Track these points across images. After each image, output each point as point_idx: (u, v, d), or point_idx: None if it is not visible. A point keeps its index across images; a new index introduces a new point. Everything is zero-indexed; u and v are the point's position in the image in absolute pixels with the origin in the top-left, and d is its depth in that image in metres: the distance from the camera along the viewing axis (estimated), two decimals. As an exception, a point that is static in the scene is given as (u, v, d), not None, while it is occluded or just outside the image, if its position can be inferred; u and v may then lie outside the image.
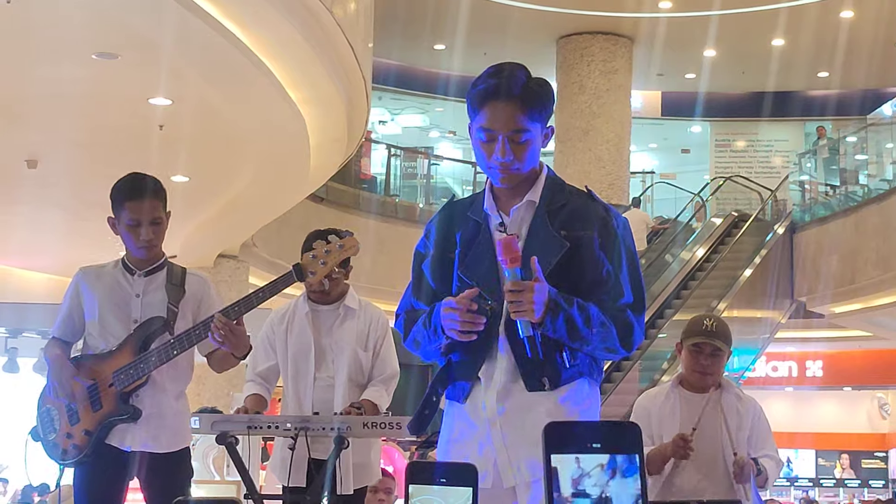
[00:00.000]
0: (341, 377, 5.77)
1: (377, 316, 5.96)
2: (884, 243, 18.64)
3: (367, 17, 11.09)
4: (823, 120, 26.15)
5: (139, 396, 4.94)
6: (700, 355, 5.47)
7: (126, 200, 4.99)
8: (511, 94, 3.53)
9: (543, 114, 3.60)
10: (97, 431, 4.92)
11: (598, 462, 1.93)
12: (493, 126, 3.54)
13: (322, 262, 4.85)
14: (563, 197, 3.66)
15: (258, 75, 8.50)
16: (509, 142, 3.54)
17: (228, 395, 13.84)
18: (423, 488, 2.12)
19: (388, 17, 18.19)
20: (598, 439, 1.96)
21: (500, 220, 3.64)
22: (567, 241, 3.55)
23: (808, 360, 26.33)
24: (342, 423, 5.18)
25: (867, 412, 27.74)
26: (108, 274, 5.11)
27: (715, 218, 23.44)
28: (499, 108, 3.53)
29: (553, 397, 3.54)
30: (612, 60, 20.88)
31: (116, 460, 4.94)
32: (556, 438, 1.96)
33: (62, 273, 14.41)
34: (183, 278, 5.12)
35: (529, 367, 3.53)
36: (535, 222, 3.61)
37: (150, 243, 5.02)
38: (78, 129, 9.71)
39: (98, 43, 7.75)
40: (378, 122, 26.44)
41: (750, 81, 25.67)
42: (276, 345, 5.88)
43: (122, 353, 4.95)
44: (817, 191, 23.75)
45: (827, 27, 20.78)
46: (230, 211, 12.88)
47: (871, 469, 27.24)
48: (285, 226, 15.65)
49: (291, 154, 10.84)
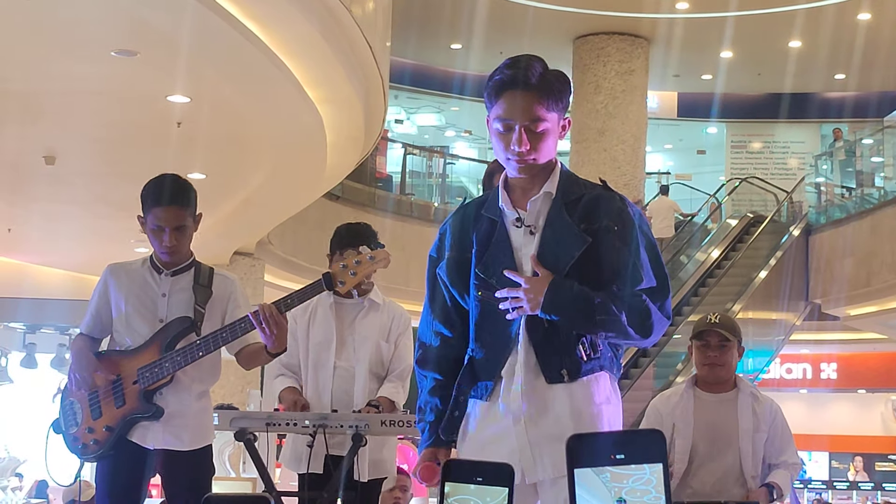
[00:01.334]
0: (362, 368, 5.80)
1: (400, 312, 6.00)
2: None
3: (385, 17, 11.11)
4: (840, 122, 26.11)
5: (162, 395, 4.96)
6: (707, 349, 5.50)
7: (153, 206, 5.00)
8: (528, 84, 3.55)
9: (560, 104, 3.62)
10: (118, 428, 4.94)
11: (622, 474, 1.92)
12: (510, 116, 3.56)
13: (352, 273, 4.85)
14: (578, 189, 3.67)
15: (277, 74, 8.51)
16: (526, 131, 3.55)
17: (244, 392, 13.87)
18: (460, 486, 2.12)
19: (405, 17, 18.20)
20: (621, 450, 1.94)
21: (516, 216, 3.64)
22: (588, 236, 3.56)
23: (822, 362, 26.30)
24: (360, 421, 5.19)
25: (881, 415, 27.69)
26: (135, 272, 5.13)
27: (730, 219, 23.43)
28: (516, 98, 3.56)
29: (574, 391, 3.54)
30: (629, 61, 20.85)
31: (138, 457, 4.95)
32: (578, 452, 1.95)
33: (79, 269, 14.48)
34: (210, 279, 5.13)
35: (549, 358, 3.54)
36: (552, 214, 3.62)
37: (172, 249, 5.03)
38: (96, 125, 9.73)
39: (117, 40, 7.77)
40: (394, 121, 26.46)
41: (766, 83, 25.63)
42: (298, 335, 5.90)
43: (147, 351, 4.97)
44: (833, 193, 23.70)
45: (844, 29, 20.72)
46: (246, 208, 12.90)
47: (885, 472, 27.18)
48: (301, 224, 15.69)
49: (308, 152, 10.86)
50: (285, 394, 5.81)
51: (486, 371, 3.63)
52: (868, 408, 27.64)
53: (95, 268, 5.31)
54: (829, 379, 26.44)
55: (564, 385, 3.54)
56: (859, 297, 19.88)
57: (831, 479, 27.20)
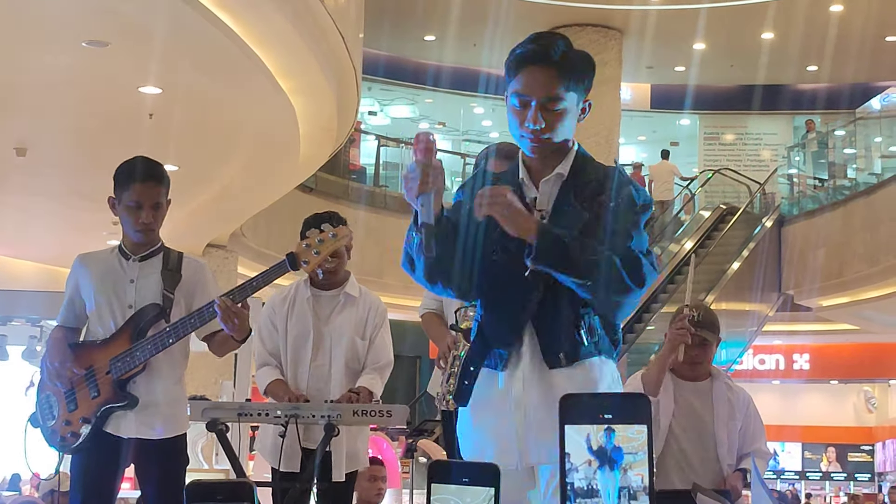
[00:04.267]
0: (338, 364, 5.80)
1: (376, 304, 5.99)
2: (871, 237, 18.70)
3: (357, 8, 11.10)
4: (812, 113, 26.18)
5: (136, 384, 4.94)
6: (687, 347, 5.49)
7: (131, 182, 4.98)
8: (549, 60, 3.43)
9: (581, 85, 3.50)
10: (95, 419, 4.92)
11: (609, 432, 1.98)
12: (527, 92, 3.43)
13: (315, 252, 4.86)
14: (592, 172, 3.54)
15: (249, 64, 8.50)
16: (543, 110, 3.43)
17: (217, 384, 13.85)
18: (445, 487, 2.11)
19: (379, 8, 18.18)
20: (609, 410, 2.01)
21: (535, 196, 3.52)
22: (584, 213, 3.44)
23: (795, 353, 26.41)
24: (332, 411, 5.19)
25: (854, 405, 27.83)
26: (104, 260, 5.11)
27: (703, 211, 23.49)
28: (535, 74, 3.44)
29: (574, 376, 3.43)
30: (602, 53, 20.84)
31: (112, 448, 4.93)
32: (569, 409, 2.02)
33: (51, 262, 14.42)
34: (179, 263, 5.11)
35: (549, 340, 3.44)
36: (560, 198, 3.50)
37: (149, 227, 5.01)
38: (67, 116, 9.69)
39: (88, 31, 7.74)
40: (368, 113, 26.43)
41: (739, 75, 25.68)
42: (278, 325, 5.89)
43: (118, 340, 4.95)
44: (806, 184, 23.80)
45: (816, 21, 20.79)
46: (219, 200, 12.87)
47: (858, 462, 27.34)
48: (274, 216, 15.66)
49: (281, 144, 10.84)
50: (274, 387, 5.79)
51: (499, 338, 3.51)
52: (841, 399, 27.77)
53: (67, 260, 5.29)
54: (801, 370, 26.55)
55: (564, 370, 3.44)
56: (831, 288, 19.96)
57: (804, 470, 27.34)
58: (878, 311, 20.08)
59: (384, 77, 25.61)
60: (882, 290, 18.72)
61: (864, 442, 27.50)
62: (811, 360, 26.40)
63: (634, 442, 1.99)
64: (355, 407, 5.29)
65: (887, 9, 19.93)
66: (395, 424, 5.82)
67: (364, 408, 5.29)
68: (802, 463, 27.38)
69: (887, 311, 19.96)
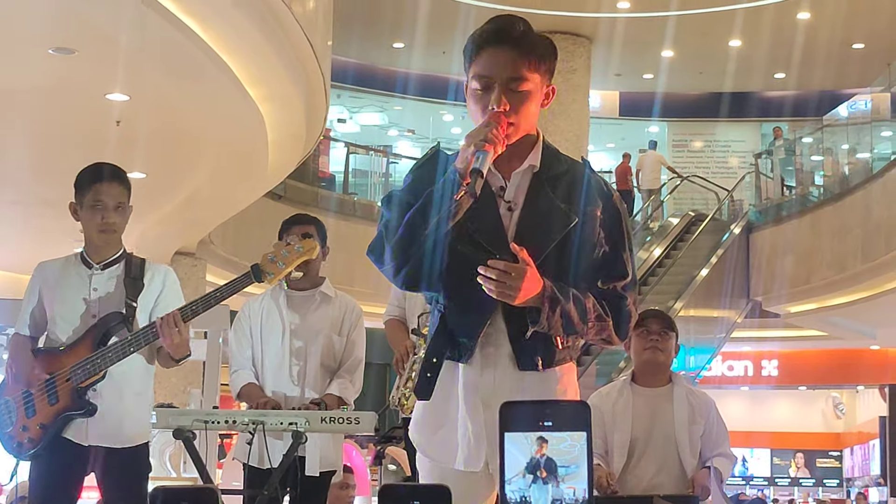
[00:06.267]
0: (314, 361, 5.80)
1: (352, 305, 6.00)
2: (839, 244, 18.79)
3: (326, 15, 11.08)
4: (780, 121, 26.31)
5: (96, 391, 4.92)
6: (649, 333, 5.52)
7: (93, 182, 4.98)
8: (510, 39, 3.31)
9: (543, 65, 3.36)
10: (52, 426, 4.89)
11: (549, 439, 1.97)
12: (489, 72, 3.31)
13: (281, 264, 4.88)
14: (561, 164, 3.43)
15: (217, 72, 8.48)
16: (506, 91, 3.29)
17: (185, 392, 13.78)
18: None
19: (347, 15, 18.16)
20: (549, 418, 2.01)
21: (501, 184, 3.37)
22: (574, 216, 3.31)
23: (763, 359, 26.51)
24: (299, 418, 5.18)
25: (822, 412, 27.96)
26: (65, 267, 5.09)
27: (672, 217, 23.57)
28: (497, 54, 3.31)
29: (547, 379, 3.35)
30: (571, 60, 20.88)
31: (73, 454, 4.91)
32: (510, 417, 2.02)
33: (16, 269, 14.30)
34: (142, 271, 5.09)
35: (524, 343, 3.31)
36: (533, 190, 3.36)
37: (112, 227, 4.99)
38: (33, 124, 9.64)
39: (55, 38, 7.71)
40: (337, 121, 26.41)
41: (707, 82, 25.78)
42: (252, 328, 5.89)
43: (79, 347, 4.93)
44: (773, 191, 23.89)
45: (784, 28, 20.89)
46: (187, 208, 12.83)
47: (826, 468, 27.48)
48: (243, 223, 15.62)
49: (249, 151, 10.82)
50: (248, 390, 5.78)
51: (464, 330, 3.35)
52: (809, 405, 27.90)
53: (32, 268, 5.26)
54: (770, 376, 26.64)
55: (537, 373, 3.34)
56: (799, 295, 20.05)
57: (773, 476, 27.46)
58: (846, 317, 20.18)
59: (353, 84, 25.61)
60: (849, 297, 18.81)
61: (833, 448, 27.63)
62: (780, 367, 26.51)
63: (571, 452, 1.99)
64: (323, 414, 5.28)
65: (854, 16, 20.03)
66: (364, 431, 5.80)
67: (332, 415, 5.28)
68: (771, 469, 27.49)
69: (855, 317, 20.06)
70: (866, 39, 21.85)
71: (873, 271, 17.35)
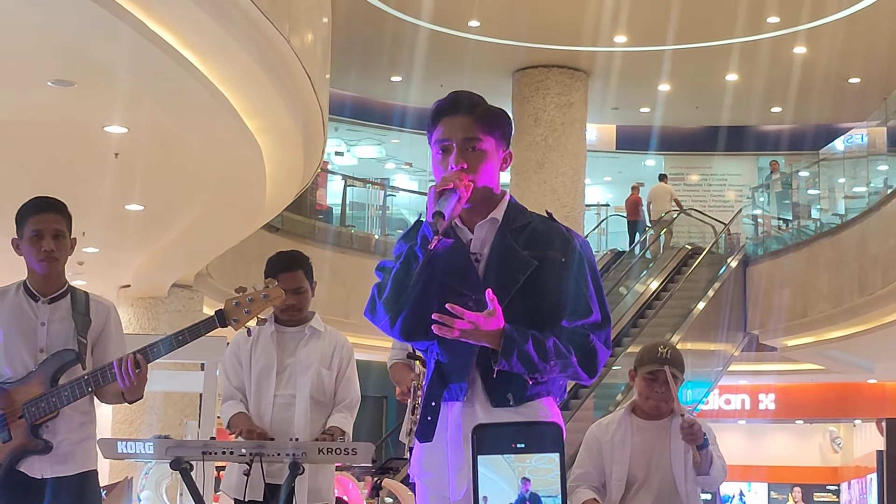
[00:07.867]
0: (303, 395, 5.80)
1: (342, 341, 6.03)
2: (836, 277, 18.80)
3: (324, 48, 11.11)
4: (776, 154, 26.35)
5: (49, 428, 4.89)
6: (655, 383, 5.46)
7: (30, 215, 5.01)
8: (464, 107, 3.64)
9: (497, 132, 3.66)
10: (7, 462, 4.88)
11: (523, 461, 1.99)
12: (447, 136, 3.62)
13: (246, 311, 4.87)
14: (525, 218, 3.67)
15: (215, 104, 8.49)
16: (462, 151, 3.59)
17: (182, 424, 13.76)
18: None
19: (345, 49, 18.23)
20: (521, 440, 2.03)
21: (469, 237, 3.63)
22: (533, 260, 3.56)
23: (760, 393, 26.44)
24: (297, 449, 5.18)
25: (819, 446, 27.87)
26: (11, 299, 5.05)
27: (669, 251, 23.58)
28: (454, 120, 3.62)
29: (520, 413, 3.51)
30: (568, 94, 20.96)
31: (26, 487, 4.89)
32: (482, 440, 2.04)
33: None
34: (87, 306, 5.07)
35: (494, 382, 3.52)
36: (497, 240, 3.60)
37: (52, 255, 4.96)
38: (32, 155, 9.66)
39: (54, 70, 7.73)
40: (334, 153, 26.45)
41: (704, 116, 25.84)
42: (243, 361, 5.90)
43: (31, 384, 4.90)
44: (770, 225, 23.93)
45: (780, 63, 20.96)
46: (185, 240, 12.83)
47: (824, 502, 27.36)
48: (240, 256, 15.62)
49: (247, 183, 10.82)
50: (237, 420, 5.78)
51: (457, 373, 3.59)
52: (806, 438, 27.82)
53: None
54: (767, 410, 26.57)
55: (511, 408, 3.52)
56: (796, 328, 20.04)
57: (770, 510, 27.34)
58: (843, 350, 20.16)
59: (351, 117, 25.67)
60: (846, 330, 18.80)
61: (830, 482, 27.53)
62: (776, 400, 26.44)
63: (547, 476, 2.01)
64: (320, 445, 5.28)
65: (850, 51, 20.11)
66: (361, 462, 5.82)
67: (329, 446, 5.28)
68: (769, 503, 27.39)
69: (852, 350, 20.04)
70: (862, 74, 21.92)
71: (870, 305, 17.35)
